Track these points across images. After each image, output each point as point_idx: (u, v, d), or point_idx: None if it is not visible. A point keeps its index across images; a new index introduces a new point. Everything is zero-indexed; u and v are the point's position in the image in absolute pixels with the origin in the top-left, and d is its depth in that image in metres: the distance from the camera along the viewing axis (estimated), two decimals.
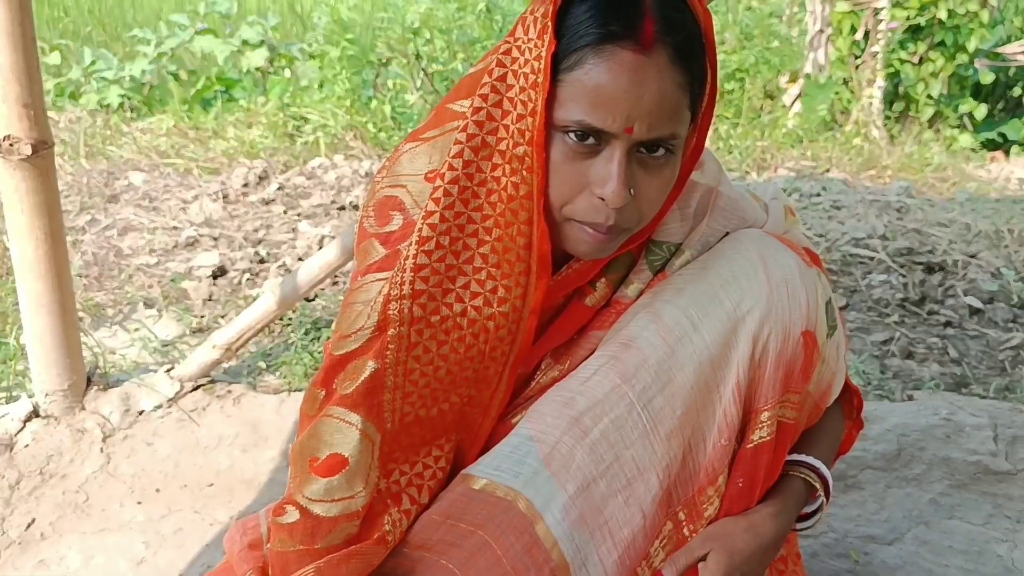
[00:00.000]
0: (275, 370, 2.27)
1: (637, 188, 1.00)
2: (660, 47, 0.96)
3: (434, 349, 1.07)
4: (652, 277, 1.15)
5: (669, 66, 0.97)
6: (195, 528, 1.73)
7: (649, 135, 0.97)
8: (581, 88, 0.97)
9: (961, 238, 3.15)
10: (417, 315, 1.05)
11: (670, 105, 0.97)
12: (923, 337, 2.50)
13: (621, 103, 0.96)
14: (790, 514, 1.16)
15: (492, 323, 1.07)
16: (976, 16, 4.77)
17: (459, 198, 1.02)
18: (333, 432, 1.06)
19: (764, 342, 1.07)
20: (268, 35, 5.29)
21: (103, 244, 3.07)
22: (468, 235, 1.04)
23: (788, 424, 1.12)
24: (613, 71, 0.95)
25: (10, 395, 2.12)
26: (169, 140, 4.13)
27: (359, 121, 4.18)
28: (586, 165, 1.00)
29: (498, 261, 1.05)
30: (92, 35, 6.86)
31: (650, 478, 1.08)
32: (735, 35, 4.72)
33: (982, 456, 1.90)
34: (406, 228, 1.07)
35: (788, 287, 1.08)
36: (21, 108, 1.73)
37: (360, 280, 1.09)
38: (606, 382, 1.09)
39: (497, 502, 1.06)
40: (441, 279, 1.04)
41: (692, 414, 1.08)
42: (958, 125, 4.96)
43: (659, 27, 0.96)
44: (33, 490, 1.82)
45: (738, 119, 4.46)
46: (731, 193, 1.20)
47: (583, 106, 0.97)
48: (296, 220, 3.27)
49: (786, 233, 1.23)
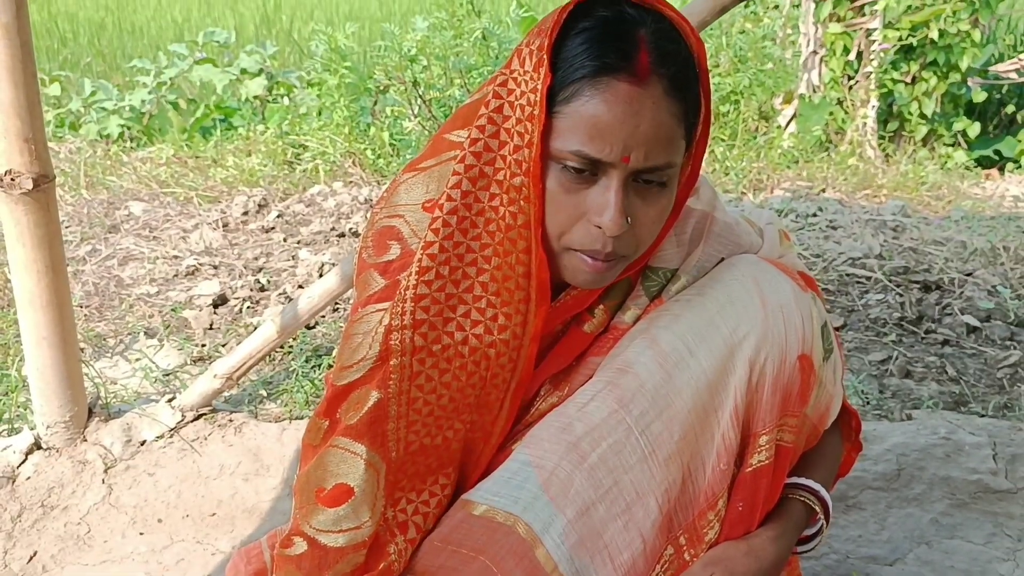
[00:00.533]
0: (276, 398, 2.28)
1: (634, 216, 1.02)
2: (655, 78, 0.98)
3: (436, 378, 1.08)
4: (648, 303, 1.17)
5: (664, 97, 0.99)
6: (197, 558, 1.73)
7: (646, 164, 0.99)
8: (578, 119, 0.98)
9: (957, 256, 3.16)
10: (419, 344, 1.06)
11: (665, 135, 0.99)
12: (921, 356, 2.51)
13: (618, 133, 0.97)
14: (790, 537, 1.17)
15: (493, 351, 1.08)
16: (968, 35, 4.81)
17: (458, 228, 1.04)
18: (339, 462, 1.07)
19: (761, 367, 1.08)
20: (266, 64, 5.34)
21: (104, 274, 3.08)
22: (467, 264, 1.05)
23: (786, 447, 1.13)
24: (609, 102, 0.97)
25: (12, 427, 2.13)
26: (169, 169, 4.16)
27: (358, 148, 4.20)
28: (584, 195, 1.01)
29: (498, 289, 1.06)
30: (92, 66, 6.92)
31: (649, 502, 1.09)
32: (729, 58, 4.75)
33: (982, 475, 1.90)
34: (404, 258, 1.09)
35: (784, 312, 1.10)
36: (22, 142, 1.75)
37: (360, 311, 1.10)
38: (604, 407, 1.10)
39: (497, 527, 1.07)
40: (442, 308, 1.06)
41: (691, 439, 1.09)
42: (952, 143, 4.99)
43: (654, 59, 0.98)
44: (35, 522, 1.83)
45: (734, 141, 4.49)
46: (726, 218, 1.21)
47: (580, 137, 0.98)
48: (296, 247, 3.29)
49: (781, 258, 1.24)
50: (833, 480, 1.28)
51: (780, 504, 1.18)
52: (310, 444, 1.12)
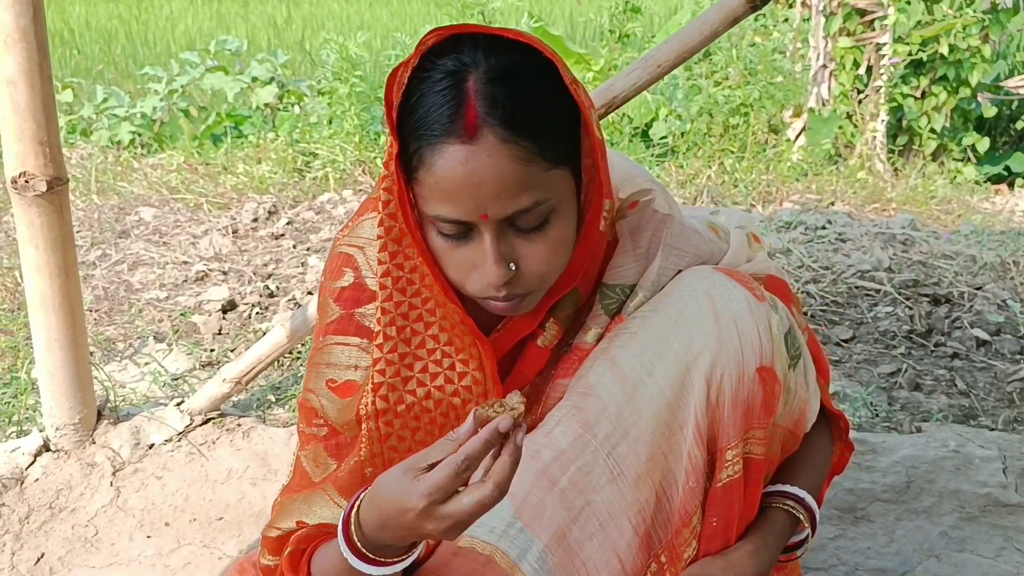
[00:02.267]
0: (284, 403, 2.28)
1: (520, 258, 1.02)
2: (486, 130, 0.95)
3: (409, 437, 1.11)
4: (609, 321, 1.15)
5: (501, 146, 0.95)
6: (204, 562, 1.73)
7: (506, 212, 0.98)
8: (428, 186, 0.98)
9: (967, 270, 3.15)
10: (381, 407, 1.09)
11: (514, 181, 0.96)
12: (930, 369, 2.50)
13: (463, 195, 0.96)
14: (772, 549, 1.16)
15: (458, 399, 1.10)
16: (978, 50, 4.81)
17: (395, 288, 1.06)
18: (323, 506, 1.14)
19: (719, 383, 1.08)
20: (277, 72, 5.36)
21: (113, 279, 3.09)
22: (414, 321, 1.07)
23: (757, 460, 1.12)
24: (446, 168, 0.96)
25: (21, 429, 2.14)
26: (179, 176, 4.18)
27: (368, 156, 4.22)
28: (465, 250, 1.02)
29: (450, 339, 1.09)
30: (104, 73, 6.97)
31: (622, 523, 1.09)
32: (739, 71, 4.76)
33: (992, 488, 1.89)
34: (356, 288, 1.13)
35: (737, 325, 1.08)
36: (37, 145, 1.76)
37: (322, 340, 1.15)
38: (569, 432, 1.10)
39: (476, 557, 1.07)
40: (398, 368, 1.08)
41: (659, 458, 1.09)
42: (962, 158, 4.99)
43: (482, 109, 0.95)
44: (43, 524, 1.83)
45: (743, 153, 4.49)
46: (683, 224, 1.19)
47: (436, 201, 0.98)
48: (305, 254, 3.30)
49: (749, 262, 1.23)
50: (824, 483, 1.28)
51: (762, 514, 1.17)
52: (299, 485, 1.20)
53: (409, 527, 0.93)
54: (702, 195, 4.07)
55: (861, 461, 1.98)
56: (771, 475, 1.19)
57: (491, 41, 0.98)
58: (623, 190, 1.17)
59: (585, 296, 1.16)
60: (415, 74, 0.99)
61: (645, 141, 4.73)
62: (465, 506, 0.89)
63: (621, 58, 4.88)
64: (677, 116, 4.77)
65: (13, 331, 2.60)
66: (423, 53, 0.99)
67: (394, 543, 0.98)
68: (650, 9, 7.01)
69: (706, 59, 4.82)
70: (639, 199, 1.17)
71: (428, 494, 0.89)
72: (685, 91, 4.81)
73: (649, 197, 1.17)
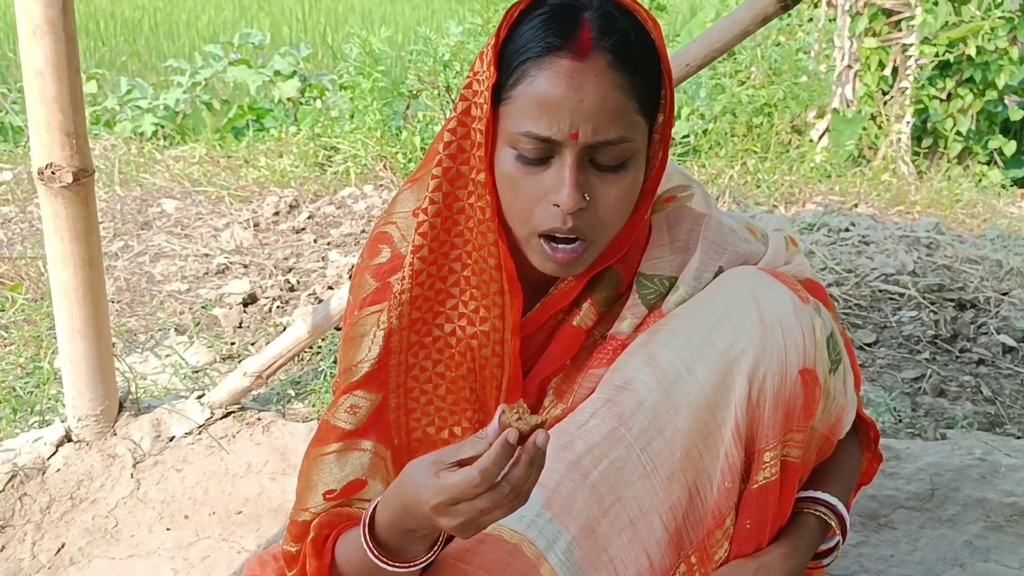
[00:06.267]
0: (304, 398, 2.28)
1: (593, 195, 1.03)
2: (597, 52, 1.00)
3: (430, 368, 1.14)
4: (647, 312, 1.16)
5: (608, 70, 1.00)
6: (223, 555, 1.74)
7: (595, 138, 1.00)
8: (525, 101, 1.01)
9: (993, 275, 3.12)
10: (413, 340, 1.13)
11: (613, 107, 1.00)
12: (955, 375, 2.47)
13: (563, 109, 0.99)
14: (803, 554, 1.15)
15: (476, 342, 1.12)
16: (1006, 53, 4.76)
17: (442, 228, 1.09)
18: (345, 463, 1.14)
19: (760, 383, 1.07)
20: (300, 66, 5.37)
21: (135, 270, 3.11)
22: (452, 260, 1.10)
23: (793, 463, 1.11)
24: (552, 80, 0.99)
25: (43, 419, 2.15)
26: (201, 168, 4.19)
27: (389, 151, 4.21)
28: (541, 177, 1.03)
29: (478, 283, 1.10)
30: (128, 65, 7.00)
31: (653, 520, 1.08)
32: (763, 70, 4.73)
33: (1018, 497, 1.87)
34: (394, 260, 1.14)
35: (782, 326, 1.08)
36: (64, 136, 1.77)
37: (356, 314, 1.16)
38: (604, 425, 1.09)
39: (503, 545, 1.07)
40: (432, 303, 1.12)
41: (694, 456, 1.08)
42: (987, 161, 4.93)
43: (595, 34, 1.00)
44: (63, 514, 1.84)
45: (766, 154, 4.46)
46: (721, 222, 1.20)
47: (529, 117, 1.01)
48: (326, 249, 3.30)
49: (787, 264, 1.22)
50: (853, 491, 1.27)
51: (793, 519, 1.16)
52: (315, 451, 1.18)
53: (425, 517, 0.94)
54: (724, 195, 4.05)
55: (885, 468, 1.95)
56: (804, 480, 1.18)
57: None
58: (660, 185, 1.17)
59: (624, 283, 1.16)
60: (526, 10, 1.03)
61: None
62: (478, 504, 0.90)
63: None
64: (700, 115, 4.74)
65: (36, 321, 2.61)
66: None
67: (416, 529, 0.99)
68: (674, 7, 6.98)
69: (730, 58, 4.79)
70: (677, 195, 1.18)
71: (439, 494, 0.91)
72: (708, 90, 4.78)
73: (687, 193, 1.17)
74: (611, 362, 1.14)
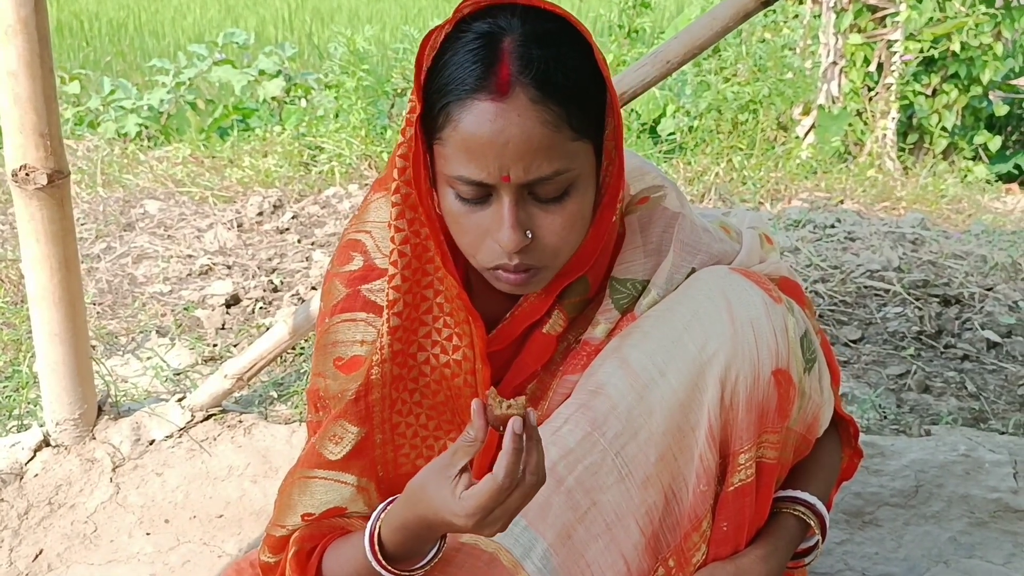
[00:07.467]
0: (286, 400, 2.26)
1: (537, 228, 1.00)
2: (519, 89, 0.95)
3: (410, 399, 1.12)
4: (619, 316, 1.14)
5: (531, 106, 0.95)
6: (204, 560, 1.72)
7: (528, 177, 0.97)
8: (453, 145, 0.97)
9: (977, 271, 3.12)
10: (396, 374, 1.10)
11: (540, 144, 0.96)
12: (940, 371, 2.47)
13: (489, 154, 0.95)
14: (782, 554, 1.14)
15: (448, 370, 1.11)
16: (990, 48, 4.77)
17: (412, 256, 1.06)
18: (326, 491, 1.12)
19: (733, 385, 1.06)
20: (285, 65, 5.34)
21: (117, 272, 3.08)
22: (424, 287, 1.08)
23: (769, 464, 1.10)
24: (475, 124, 0.95)
25: (21, 424, 2.12)
26: (185, 169, 4.16)
27: (374, 151, 4.20)
28: (481, 216, 1.00)
29: (451, 310, 1.09)
30: (112, 65, 6.96)
31: (629, 524, 1.07)
32: (748, 67, 4.73)
33: (1002, 493, 1.87)
34: (365, 269, 1.12)
35: (754, 326, 1.07)
36: (38, 137, 1.74)
37: (327, 322, 1.14)
38: (577, 431, 1.08)
39: (480, 555, 1.07)
40: (408, 333, 1.09)
41: (669, 460, 1.07)
42: (972, 157, 4.95)
43: (515, 68, 0.95)
44: (41, 520, 1.82)
45: (751, 150, 4.46)
46: (694, 222, 1.18)
47: (459, 161, 0.97)
48: (310, 249, 3.28)
49: (762, 263, 1.21)
50: (833, 489, 1.26)
51: (772, 519, 1.16)
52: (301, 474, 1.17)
53: (448, 526, 0.96)
54: (710, 192, 4.04)
55: (869, 464, 1.95)
56: (782, 480, 1.17)
57: (527, 10, 0.98)
58: (633, 185, 1.16)
59: (594, 288, 1.15)
60: (449, 37, 0.99)
61: (653, 137, 4.70)
62: (511, 504, 0.91)
63: (630, 54, 4.85)
64: (685, 112, 4.74)
65: (15, 324, 2.59)
66: (458, 20, 0.99)
67: (429, 539, 1.01)
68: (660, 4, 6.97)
69: (715, 55, 4.79)
70: (650, 195, 1.16)
71: (473, 513, 0.91)
72: (694, 87, 4.78)
73: (660, 194, 1.16)
74: (585, 367, 1.13)
